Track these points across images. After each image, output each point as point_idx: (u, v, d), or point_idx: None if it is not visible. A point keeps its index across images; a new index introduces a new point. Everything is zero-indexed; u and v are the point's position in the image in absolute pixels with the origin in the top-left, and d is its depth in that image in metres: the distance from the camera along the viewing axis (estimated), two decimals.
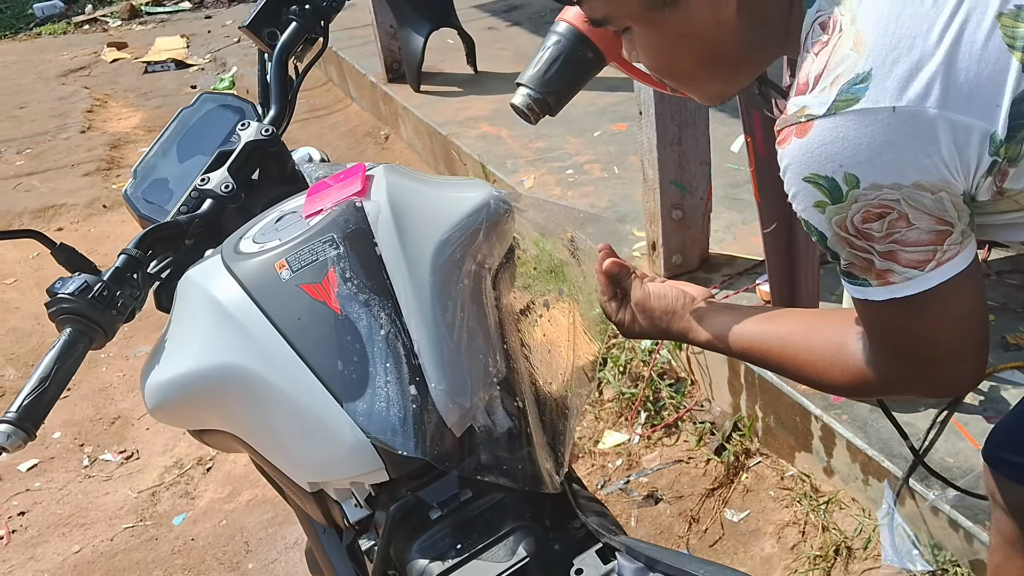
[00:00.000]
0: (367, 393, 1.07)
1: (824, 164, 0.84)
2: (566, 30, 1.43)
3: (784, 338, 1.05)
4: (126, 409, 3.35)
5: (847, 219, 0.86)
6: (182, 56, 7.91)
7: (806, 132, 0.85)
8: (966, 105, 0.81)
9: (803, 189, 0.88)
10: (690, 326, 1.15)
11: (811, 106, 0.85)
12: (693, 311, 1.16)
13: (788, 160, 0.88)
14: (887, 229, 0.85)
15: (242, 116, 1.49)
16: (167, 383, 1.15)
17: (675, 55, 1.02)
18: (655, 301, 1.17)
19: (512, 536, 1.08)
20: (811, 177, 0.86)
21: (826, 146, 0.83)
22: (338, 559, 1.34)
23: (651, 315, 1.17)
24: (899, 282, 0.88)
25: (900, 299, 0.89)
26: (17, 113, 6.96)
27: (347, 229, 1.13)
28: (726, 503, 2.40)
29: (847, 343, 0.99)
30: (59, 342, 1.14)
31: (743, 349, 1.10)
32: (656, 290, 1.17)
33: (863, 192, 0.84)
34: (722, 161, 3.34)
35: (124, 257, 1.22)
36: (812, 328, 1.04)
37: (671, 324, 1.16)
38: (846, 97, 0.82)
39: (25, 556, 2.72)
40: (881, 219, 0.85)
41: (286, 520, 2.66)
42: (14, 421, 1.07)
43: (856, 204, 0.85)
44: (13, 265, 4.53)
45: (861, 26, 0.84)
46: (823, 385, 1.05)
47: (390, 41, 5.22)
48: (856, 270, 0.91)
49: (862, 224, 0.86)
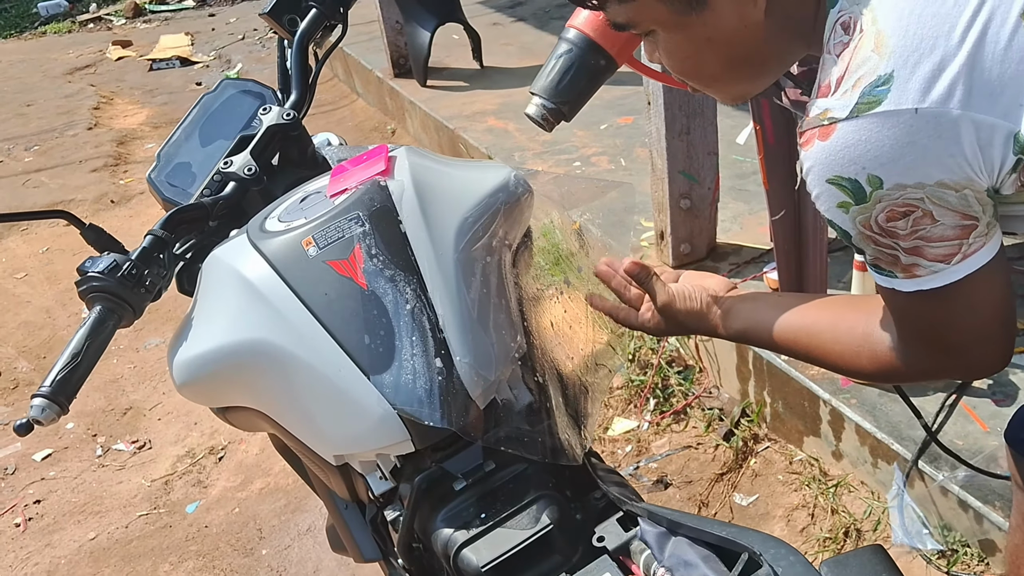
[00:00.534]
0: (393, 366, 1.09)
1: (847, 166, 0.85)
2: (577, 38, 1.42)
3: (810, 329, 1.06)
4: (138, 400, 3.38)
5: (871, 219, 0.87)
6: (187, 53, 7.93)
7: (829, 135, 0.85)
8: (990, 105, 0.81)
9: (827, 190, 0.88)
10: (717, 324, 1.16)
11: (833, 109, 0.85)
12: (718, 307, 1.17)
13: (811, 162, 0.88)
14: (912, 227, 0.86)
15: (263, 101, 1.51)
16: (196, 359, 1.18)
17: (701, 58, 1.02)
18: (680, 303, 1.18)
19: (535, 505, 1.11)
20: (834, 179, 0.86)
21: (849, 148, 0.84)
22: (361, 534, 1.36)
23: (676, 317, 1.18)
24: (925, 275, 0.89)
25: (927, 291, 0.90)
26: (24, 111, 6.99)
27: (372, 207, 1.16)
28: (735, 487, 2.43)
29: (874, 332, 1.00)
30: (89, 319, 1.16)
31: (771, 342, 1.11)
32: (680, 292, 1.18)
33: (887, 192, 0.84)
34: (728, 152, 3.36)
35: (151, 237, 1.25)
36: (838, 317, 1.05)
37: (699, 323, 1.18)
38: (868, 100, 0.82)
39: (42, 543, 2.75)
40: (905, 217, 0.85)
41: (299, 508, 2.69)
42: (48, 395, 1.10)
43: (880, 204, 0.85)
44: (24, 259, 4.56)
45: (882, 26, 0.84)
46: (852, 372, 1.07)
47: (396, 36, 5.25)
48: (883, 263, 0.92)
49: (886, 223, 0.87)
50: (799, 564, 0.86)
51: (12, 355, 3.77)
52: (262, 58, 7.37)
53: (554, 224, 3.22)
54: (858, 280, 2.09)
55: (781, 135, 2.18)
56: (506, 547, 1.07)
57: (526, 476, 1.16)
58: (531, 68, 5.13)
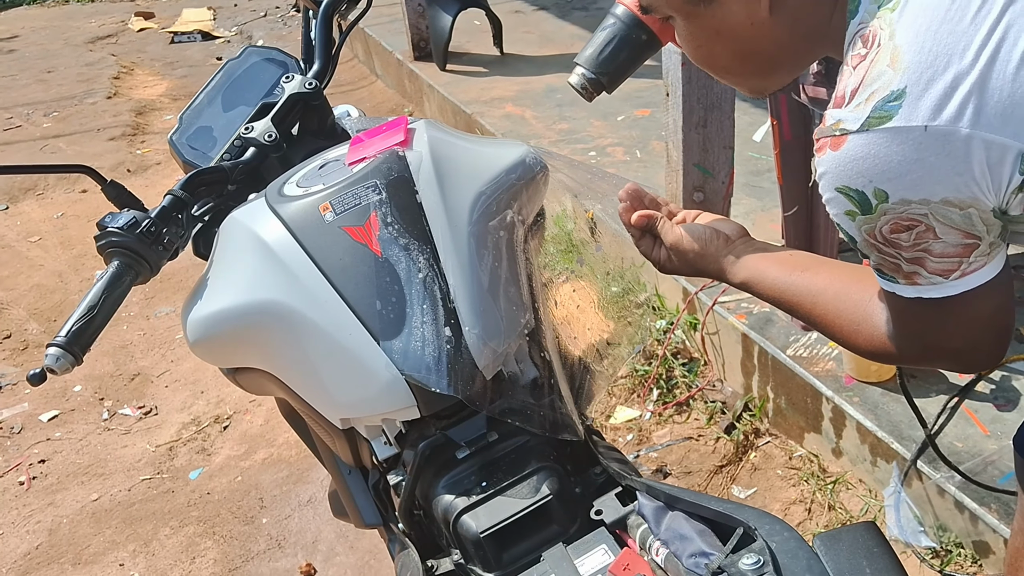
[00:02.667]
0: (403, 333, 1.11)
1: (855, 178, 0.86)
2: (623, 13, 1.45)
3: (815, 295, 1.08)
4: (146, 367, 3.41)
5: (875, 229, 0.89)
6: (208, 28, 7.96)
7: (840, 145, 0.87)
8: (1000, 125, 0.81)
9: (835, 197, 0.90)
10: (724, 267, 1.17)
11: (846, 120, 0.86)
12: (728, 251, 1.17)
13: (823, 169, 0.90)
14: (914, 240, 0.88)
15: (286, 70, 1.53)
16: (210, 318, 1.20)
17: (711, 49, 1.05)
18: (687, 243, 1.18)
19: (535, 476, 1.13)
20: (843, 188, 0.88)
21: (857, 161, 0.85)
22: (363, 499, 1.38)
23: (684, 256, 1.19)
24: (924, 284, 0.91)
25: (926, 299, 0.92)
26: (45, 77, 7.02)
27: (390, 176, 1.18)
28: (734, 480, 2.44)
29: (874, 315, 1.02)
30: (107, 273, 1.18)
31: (774, 296, 1.12)
32: (690, 231, 1.19)
33: (891, 206, 0.86)
34: (744, 149, 3.38)
35: (171, 197, 1.27)
36: (843, 290, 1.06)
37: (706, 264, 1.18)
38: (879, 114, 0.84)
39: (45, 502, 2.78)
40: (909, 231, 0.87)
41: (300, 479, 2.72)
42: (63, 344, 1.12)
43: (884, 216, 0.87)
44: (38, 224, 4.59)
45: (899, 42, 0.85)
46: (847, 346, 1.08)
47: (418, 19, 5.26)
48: (886, 269, 0.94)
49: (890, 234, 0.88)
50: (792, 540, 0.87)
51: (23, 317, 3.80)
52: (283, 36, 7.39)
53: (567, 212, 3.26)
54: None
55: (798, 131, 2.20)
56: (505, 515, 1.09)
57: (528, 448, 1.18)
58: (551, 57, 5.17)
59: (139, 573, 2.47)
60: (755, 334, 2.51)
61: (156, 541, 2.57)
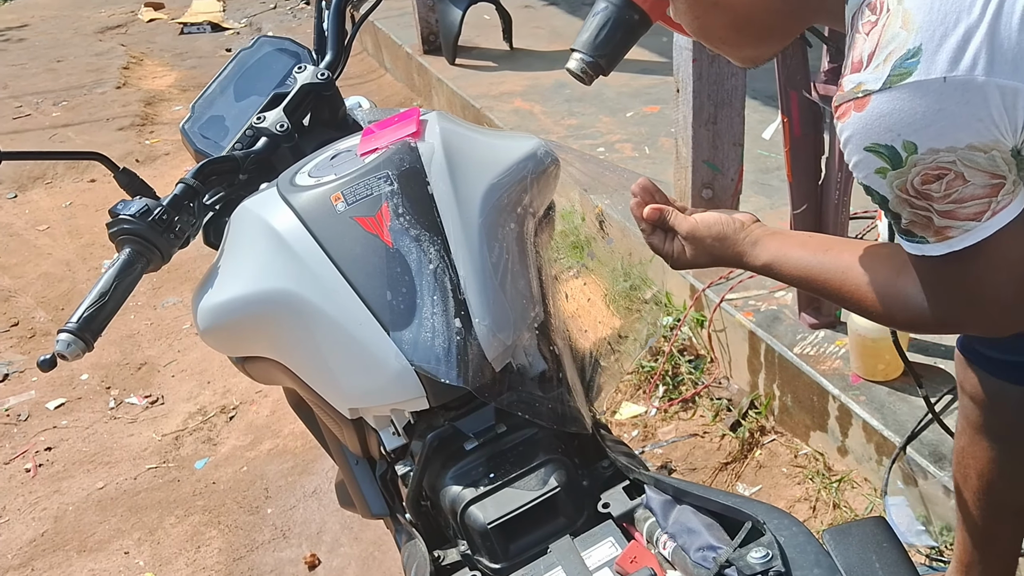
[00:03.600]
0: (414, 323, 1.11)
1: (883, 134, 0.90)
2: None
3: (844, 271, 1.09)
4: (152, 356, 3.41)
5: (907, 182, 0.92)
6: (218, 19, 7.96)
7: (864, 106, 0.90)
8: (1012, 71, 0.86)
9: (864, 158, 0.93)
10: (745, 251, 1.18)
11: (867, 82, 0.90)
12: (746, 235, 1.18)
13: (849, 132, 0.93)
14: (945, 189, 0.91)
15: (298, 60, 1.53)
16: (220, 306, 1.20)
17: (708, 20, 1.08)
18: (705, 230, 1.19)
19: (543, 468, 1.13)
20: (872, 146, 0.91)
21: (884, 117, 0.89)
22: (370, 489, 1.39)
23: (702, 243, 1.20)
24: (957, 236, 0.94)
25: (958, 251, 0.95)
26: (55, 66, 7.03)
27: (401, 167, 1.18)
28: (739, 477, 2.44)
29: (906, 284, 1.04)
30: (119, 261, 1.19)
31: (800, 275, 1.14)
32: (705, 219, 1.20)
33: (921, 157, 0.89)
34: (753, 146, 3.37)
35: (182, 186, 1.27)
36: (871, 264, 1.08)
37: (725, 250, 1.19)
38: (899, 72, 0.88)
39: (51, 489, 2.79)
40: (939, 180, 0.90)
41: (306, 470, 2.73)
42: (74, 331, 1.12)
43: (915, 168, 0.90)
44: (47, 212, 4.60)
45: (908, 5, 0.89)
46: (880, 318, 1.10)
47: (428, 13, 5.26)
48: (916, 228, 0.96)
49: (921, 186, 0.91)
50: (801, 534, 0.87)
51: (31, 305, 3.81)
52: (292, 28, 7.40)
53: (575, 207, 3.24)
54: None
55: (807, 128, 2.19)
56: (512, 506, 1.09)
57: (536, 440, 1.18)
58: (560, 52, 5.15)
59: (144, 561, 2.48)
60: (762, 332, 2.50)
61: (161, 530, 2.58)
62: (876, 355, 2.21)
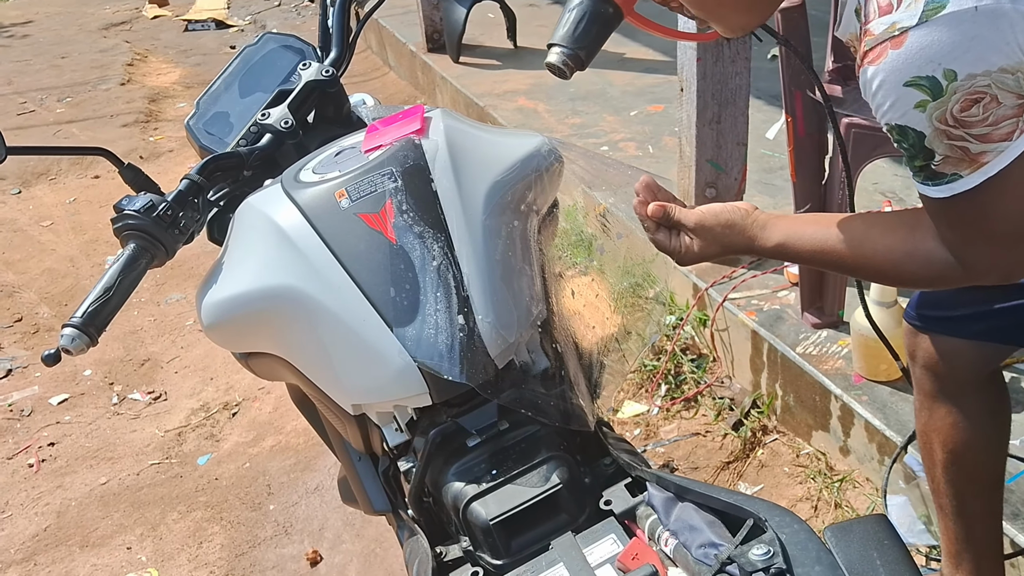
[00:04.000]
0: (417, 320, 1.11)
1: (924, 66, 0.94)
2: None
3: (860, 238, 1.12)
4: (156, 352, 3.42)
5: (947, 112, 0.96)
6: (222, 17, 7.96)
7: (902, 43, 0.95)
8: None
9: (903, 95, 0.97)
10: (755, 235, 1.20)
11: (902, 20, 0.95)
12: (753, 220, 1.20)
13: (885, 73, 0.97)
14: (983, 113, 0.96)
15: (303, 57, 1.54)
16: (224, 302, 1.20)
17: None
18: (713, 219, 1.21)
19: (546, 465, 1.13)
20: (912, 80, 0.96)
21: (924, 50, 0.94)
22: (372, 485, 1.39)
23: (711, 233, 1.21)
24: (991, 160, 0.98)
25: (992, 178, 0.99)
26: (59, 62, 7.04)
27: (406, 164, 1.18)
28: (740, 476, 2.44)
29: (926, 238, 1.08)
30: (123, 256, 1.19)
31: (816, 250, 1.16)
32: (711, 208, 1.22)
33: (960, 83, 0.94)
34: (757, 146, 3.37)
35: (187, 181, 1.27)
36: (887, 226, 1.12)
37: (735, 237, 1.21)
38: (934, 6, 0.93)
39: (54, 484, 2.80)
40: (977, 103, 0.95)
41: (308, 467, 2.73)
42: (78, 325, 1.13)
43: (955, 96, 0.95)
44: (51, 208, 4.61)
45: None
46: (903, 281, 1.15)
47: (432, 11, 5.26)
48: (948, 165, 1.00)
49: (960, 113, 0.96)
50: (803, 532, 0.88)
51: (34, 300, 3.82)
52: (297, 26, 7.40)
53: (578, 206, 3.25)
54: None
55: (812, 128, 2.19)
56: (515, 503, 1.09)
57: (538, 437, 1.18)
58: None
59: (146, 557, 2.49)
60: (764, 331, 2.51)
61: (164, 525, 2.59)
62: (879, 355, 2.20)
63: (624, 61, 4.74)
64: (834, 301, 2.46)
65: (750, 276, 2.74)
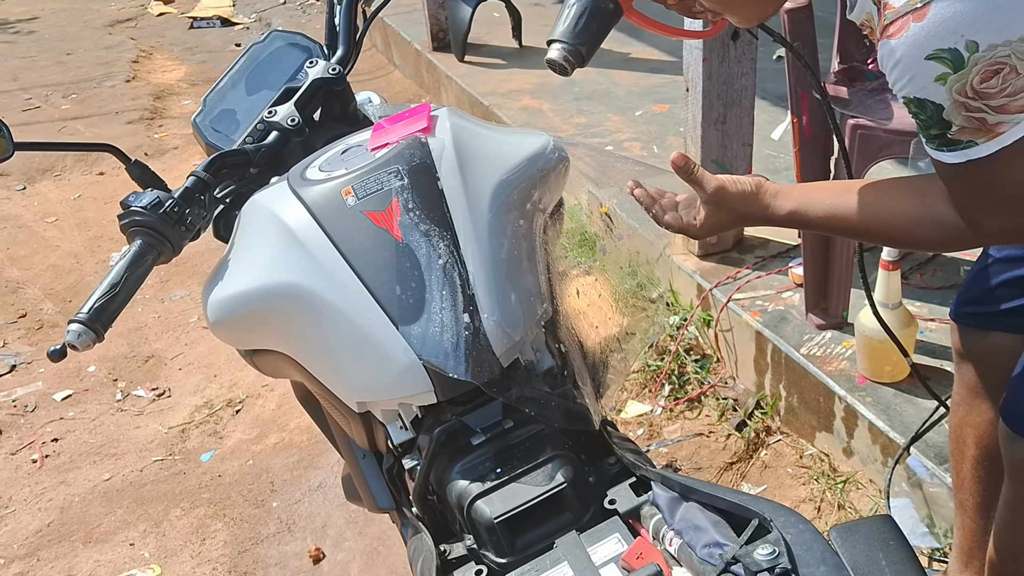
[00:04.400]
0: (422, 318, 1.11)
1: (946, 37, 0.95)
2: None
3: (873, 202, 1.14)
4: (160, 349, 3.42)
5: (967, 84, 0.97)
6: (228, 14, 7.98)
7: (924, 15, 0.95)
8: None
9: (924, 68, 0.97)
10: (769, 203, 1.22)
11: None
12: (766, 190, 1.23)
13: (905, 47, 0.98)
14: (1002, 84, 0.96)
15: (309, 55, 1.54)
16: (230, 299, 1.20)
17: None
18: (732, 187, 1.23)
19: (550, 464, 1.13)
20: (934, 53, 0.96)
21: (947, 21, 0.94)
22: (376, 483, 1.39)
23: (729, 201, 1.24)
24: (1007, 130, 0.99)
25: (1008, 147, 1.00)
26: (64, 59, 7.05)
27: (412, 162, 1.18)
28: (744, 477, 2.44)
29: (938, 201, 1.09)
30: (130, 252, 1.19)
31: (829, 215, 1.18)
32: (728, 177, 1.25)
33: (982, 55, 0.94)
34: (762, 147, 3.37)
35: (194, 178, 1.27)
36: (899, 191, 1.14)
37: (750, 206, 1.23)
38: None
39: (57, 480, 2.80)
40: (997, 75, 0.96)
41: (311, 464, 2.73)
42: (85, 321, 1.13)
43: (976, 68, 0.95)
44: (56, 205, 4.62)
45: None
46: (913, 243, 1.17)
47: (437, 10, 5.26)
48: (966, 134, 1.01)
49: (980, 85, 0.96)
50: (808, 532, 0.87)
51: (38, 297, 3.83)
52: (302, 24, 7.40)
53: (582, 206, 3.24)
54: (883, 279, 2.10)
55: (817, 129, 2.19)
56: (519, 501, 1.09)
57: (543, 436, 1.18)
58: None
59: (149, 553, 2.49)
60: (769, 332, 2.50)
61: (167, 522, 2.59)
62: (883, 356, 2.20)
63: (629, 61, 4.74)
64: (839, 302, 2.45)
65: (755, 277, 2.74)
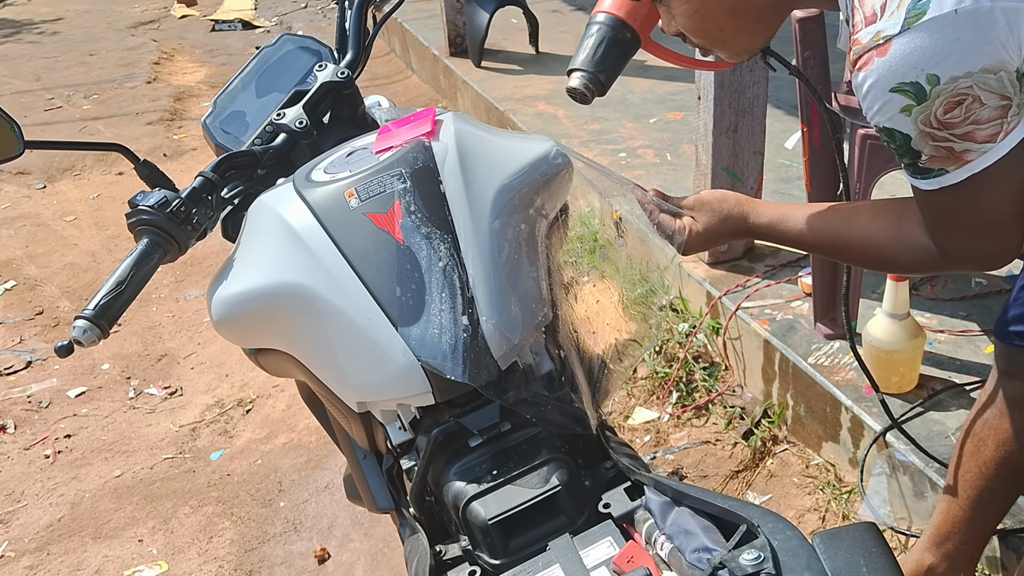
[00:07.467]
0: (422, 319, 1.13)
1: (907, 72, 0.98)
2: (605, 18, 1.52)
3: (848, 222, 1.18)
4: (173, 348, 3.45)
5: (931, 115, 0.99)
6: (249, 17, 8.03)
7: (887, 51, 0.98)
8: None
9: (889, 100, 1.01)
10: (749, 211, 1.29)
11: (885, 28, 0.99)
12: (746, 200, 1.29)
13: (873, 78, 1.01)
14: (964, 114, 0.99)
15: (319, 58, 1.56)
16: (234, 298, 1.22)
17: (707, 9, 1.17)
18: (708, 195, 1.31)
19: (546, 467, 1.14)
20: (897, 86, 0.99)
21: (907, 56, 0.97)
22: (376, 483, 1.40)
23: (709, 206, 1.31)
24: (976, 158, 1.02)
25: (977, 174, 1.02)
26: (87, 59, 7.13)
27: (415, 165, 1.19)
28: (749, 486, 2.44)
29: (911, 227, 1.13)
30: (136, 250, 1.21)
31: (803, 231, 1.23)
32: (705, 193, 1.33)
33: (943, 87, 0.97)
34: (775, 156, 3.37)
35: (201, 179, 1.29)
36: (875, 213, 1.17)
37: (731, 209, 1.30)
38: (914, 13, 0.96)
39: (69, 476, 2.83)
40: (960, 105, 0.98)
41: (319, 465, 2.75)
42: (90, 318, 1.15)
43: (938, 99, 0.98)
44: (75, 203, 4.67)
45: None
46: (886, 265, 1.21)
47: (455, 15, 5.29)
48: (936, 163, 1.03)
49: (944, 115, 0.99)
50: (794, 538, 0.88)
51: (55, 294, 3.87)
52: (322, 27, 7.45)
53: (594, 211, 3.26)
54: (891, 290, 2.10)
55: (827, 139, 2.19)
56: (514, 503, 1.10)
57: (539, 439, 1.19)
58: None
59: (157, 550, 2.51)
60: (777, 341, 2.50)
61: (175, 519, 2.61)
62: (890, 367, 2.20)
63: (645, 68, 4.75)
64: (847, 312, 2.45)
65: (764, 285, 2.74)
